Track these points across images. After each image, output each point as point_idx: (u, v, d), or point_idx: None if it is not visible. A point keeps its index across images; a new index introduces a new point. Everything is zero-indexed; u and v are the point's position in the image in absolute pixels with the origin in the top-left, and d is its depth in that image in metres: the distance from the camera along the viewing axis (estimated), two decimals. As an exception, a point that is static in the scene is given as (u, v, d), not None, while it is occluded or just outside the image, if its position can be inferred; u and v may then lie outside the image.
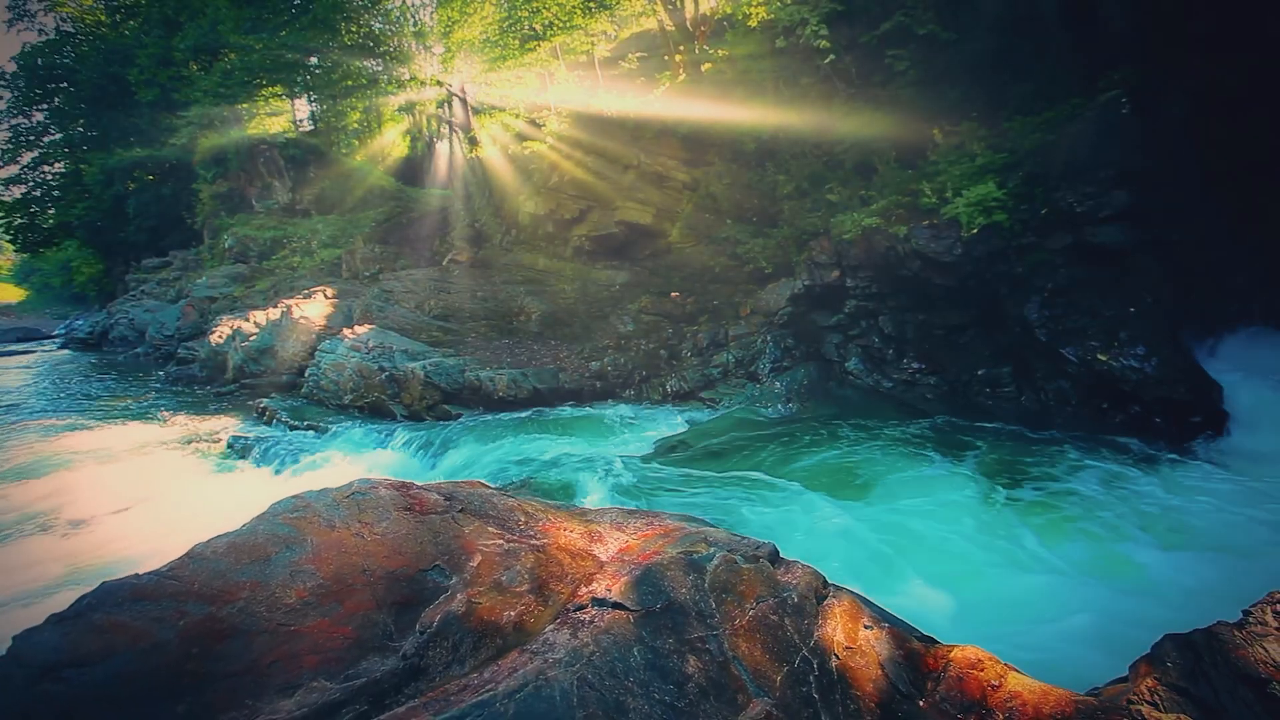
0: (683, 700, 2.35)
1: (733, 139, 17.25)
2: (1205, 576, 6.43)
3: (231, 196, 31.25)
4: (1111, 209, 10.33)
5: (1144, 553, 6.95)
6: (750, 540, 3.41)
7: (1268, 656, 3.36)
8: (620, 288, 17.82)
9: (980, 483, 8.81)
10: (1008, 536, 7.44)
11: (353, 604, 2.79)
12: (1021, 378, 11.51)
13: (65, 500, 10.60)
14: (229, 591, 2.77)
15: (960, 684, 2.74)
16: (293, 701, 2.40)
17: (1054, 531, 7.46)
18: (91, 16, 44.15)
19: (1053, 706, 2.57)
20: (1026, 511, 7.97)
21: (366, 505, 3.28)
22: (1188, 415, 9.56)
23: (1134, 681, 3.66)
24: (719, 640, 2.64)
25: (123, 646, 2.46)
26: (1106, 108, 10.77)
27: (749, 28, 16.36)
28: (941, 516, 8.01)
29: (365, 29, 23.95)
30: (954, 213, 11.26)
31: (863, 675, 2.73)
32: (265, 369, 17.85)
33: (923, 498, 8.59)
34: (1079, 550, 7.07)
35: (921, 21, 13.60)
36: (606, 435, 12.46)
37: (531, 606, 2.80)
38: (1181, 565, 6.68)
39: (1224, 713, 3.32)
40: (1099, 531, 7.40)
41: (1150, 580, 6.47)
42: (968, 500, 8.38)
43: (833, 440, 10.94)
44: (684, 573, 2.94)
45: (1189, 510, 7.73)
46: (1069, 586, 6.49)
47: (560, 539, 3.28)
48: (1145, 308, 10.21)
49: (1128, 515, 7.70)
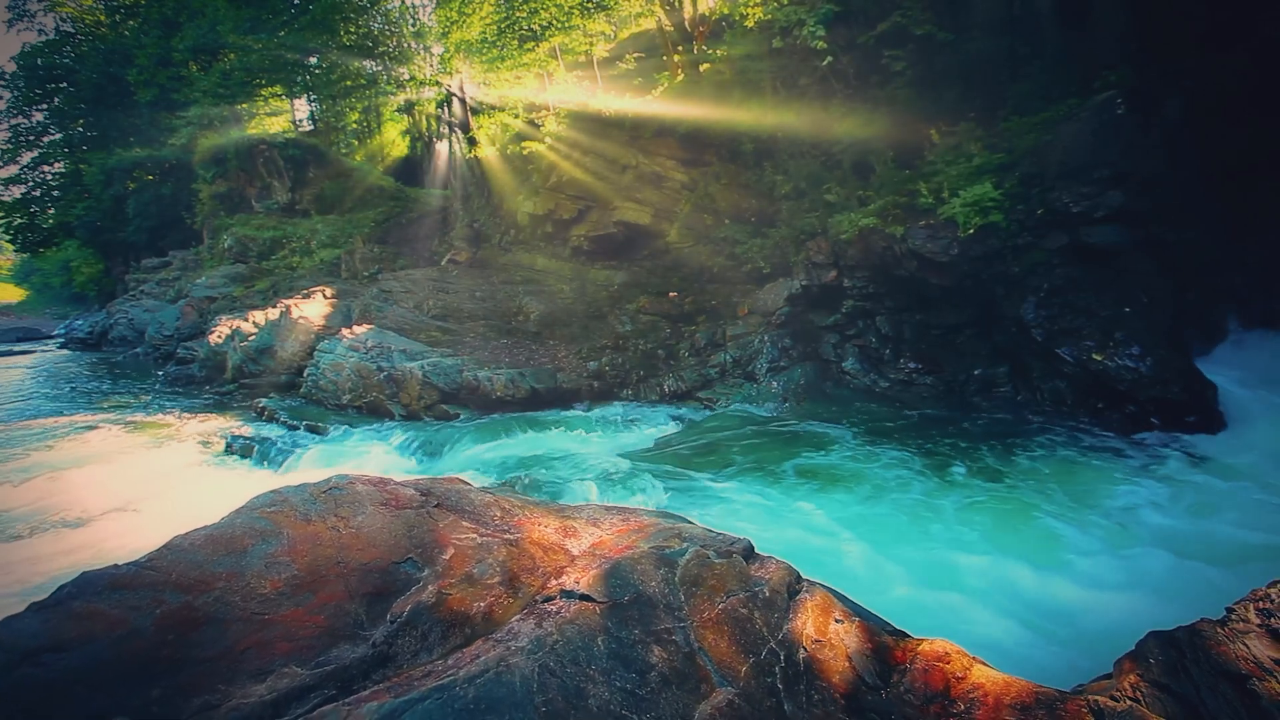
0: (645, 688, 2.38)
1: (731, 139, 17.26)
2: (1199, 575, 6.43)
3: (231, 196, 31.28)
4: (1107, 209, 10.36)
5: (1138, 552, 6.94)
6: (726, 536, 3.43)
7: (1249, 653, 3.38)
8: (618, 288, 17.83)
9: (976, 483, 8.81)
10: (1003, 536, 7.44)
11: (326, 594, 2.85)
12: (1018, 377, 11.53)
13: (64, 499, 10.61)
14: (205, 581, 2.84)
15: (926, 675, 2.77)
16: (264, 686, 2.48)
17: (1049, 530, 7.46)
18: (91, 16, 44.26)
19: (1013, 697, 2.59)
20: (1022, 511, 7.97)
21: (343, 500, 3.33)
22: (1182, 415, 9.57)
23: (1118, 678, 3.68)
24: (686, 632, 2.67)
25: (100, 633, 2.55)
26: (1102, 108, 10.79)
27: (746, 28, 16.38)
28: (933, 515, 8.01)
29: (364, 29, 24.00)
30: (950, 213, 11.28)
31: (830, 667, 2.75)
32: (264, 369, 17.86)
33: (916, 497, 8.59)
34: (1073, 549, 7.06)
35: (919, 22, 13.62)
36: (603, 434, 12.46)
37: (501, 598, 2.83)
38: (1174, 564, 6.67)
39: (1204, 708, 3.33)
40: (1093, 531, 7.40)
41: (1142, 579, 6.45)
42: (962, 499, 8.38)
43: (828, 440, 10.93)
44: (655, 566, 2.97)
45: (1182, 509, 7.72)
46: (1061, 585, 6.49)
47: (534, 533, 3.31)
48: (1140, 308, 10.22)
49: (1122, 515, 7.70)
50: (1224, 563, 6.49)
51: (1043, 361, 11.04)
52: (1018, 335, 11.28)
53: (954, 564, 6.90)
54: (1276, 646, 3.35)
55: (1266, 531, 6.97)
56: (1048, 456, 9.47)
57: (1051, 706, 2.50)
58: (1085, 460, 9.20)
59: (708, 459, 10.51)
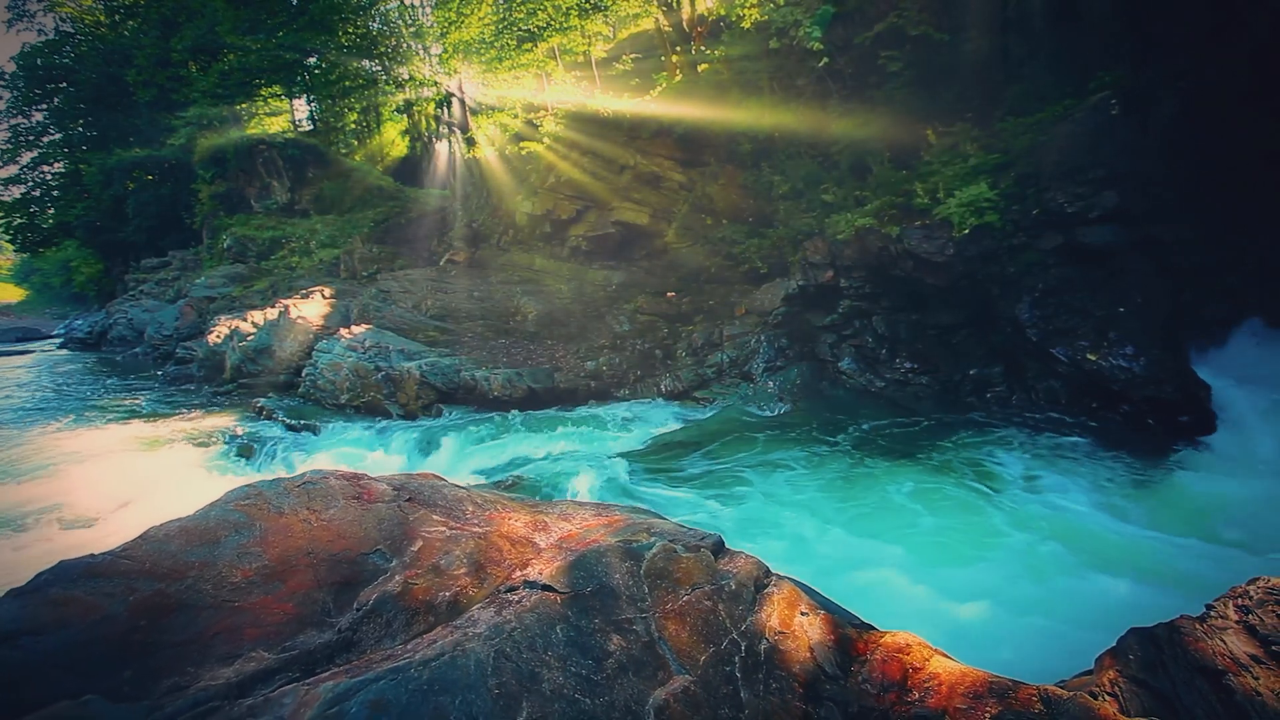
0: (600, 674, 2.43)
1: (729, 140, 17.29)
2: (1188, 572, 6.44)
3: (230, 196, 31.34)
4: (1102, 209, 10.35)
5: (1133, 550, 6.95)
6: (696, 531, 3.48)
7: (1226, 649, 3.39)
8: (616, 288, 17.86)
9: (971, 483, 8.82)
10: (997, 535, 7.46)
11: (295, 583, 2.91)
12: (1013, 377, 11.53)
13: (62, 498, 10.64)
14: (178, 570, 2.92)
15: (884, 666, 2.81)
16: (232, 669, 2.57)
17: (1044, 530, 7.47)
18: (91, 17, 44.37)
19: (967, 686, 2.63)
20: (1016, 510, 7.98)
21: (316, 494, 3.39)
22: (1176, 415, 9.56)
23: (1098, 673, 3.70)
24: (647, 622, 2.70)
25: (75, 618, 2.67)
26: (1097, 109, 10.79)
27: (744, 29, 16.40)
28: (928, 514, 8.02)
29: (362, 30, 24.03)
30: (946, 213, 11.28)
31: (791, 657, 2.79)
32: (263, 368, 17.89)
33: (911, 496, 8.60)
34: (1068, 548, 7.07)
35: (915, 22, 13.63)
36: (599, 434, 12.48)
37: (467, 588, 2.87)
38: (1166, 562, 6.68)
39: (1179, 704, 3.35)
40: (1088, 530, 7.41)
41: (1134, 578, 6.46)
42: (956, 499, 8.39)
43: (822, 439, 10.95)
44: (620, 559, 3.02)
45: (1175, 508, 7.73)
46: (1049, 582, 6.50)
47: (504, 527, 3.35)
48: (1135, 308, 10.21)
49: (1117, 515, 7.71)
50: (1212, 560, 6.50)
51: (1038, 361, 11.04)
52: (1013, 335, 11.28)
53: (947, 562, 6.91)
54: (1253, 643, 3.37)
55: (1255, 530, 6.98)
56: (1042, 456, 9.47)
57: (1003, 694, 2.53)
58: (1078, 460, 9.20)
59: (703, 458, 10.54)
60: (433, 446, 12.27)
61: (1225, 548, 6.84)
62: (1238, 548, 6.78)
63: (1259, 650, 3.32)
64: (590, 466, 10.32)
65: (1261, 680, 3.20)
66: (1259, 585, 3.62)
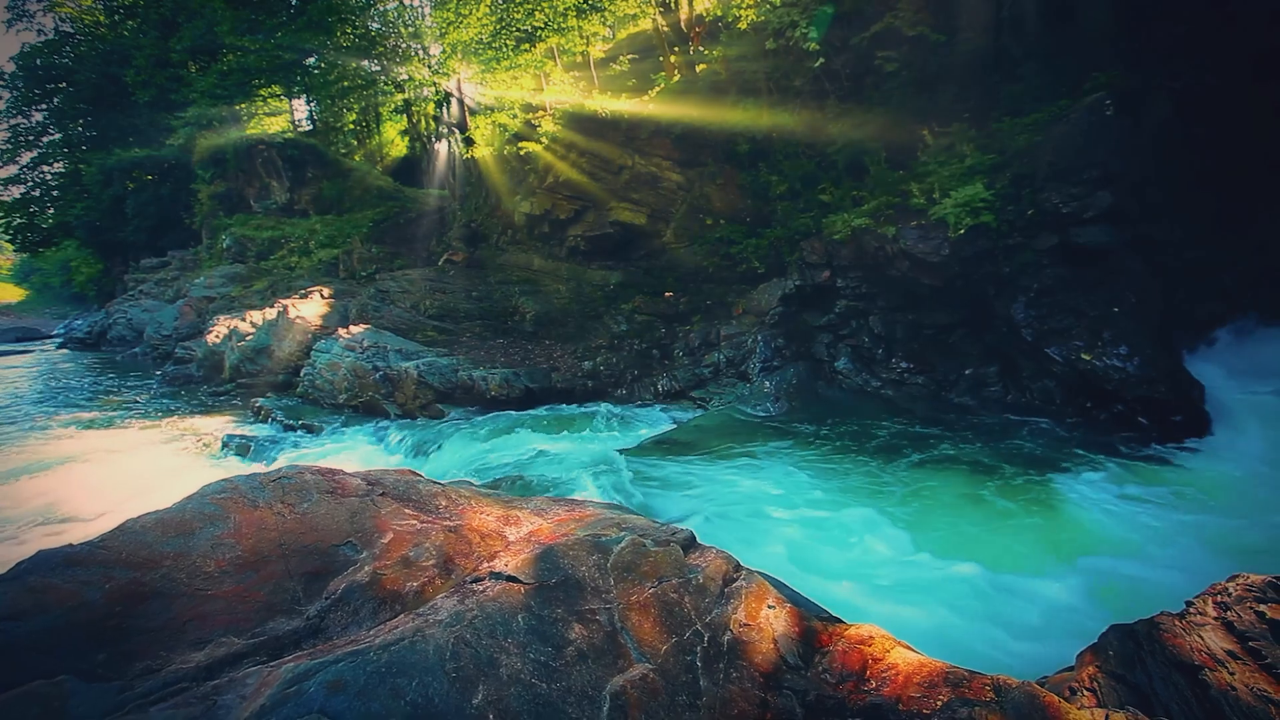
0: (559, 660, 2.48)
1: (726, 140, 17.31)
2: (1177, 570, 6.44)
3: (230, 197, 31.42)
4: (1096, 209, 10.37)
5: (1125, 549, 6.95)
6: (668, 527, 3.52)
7: (1204, 645, 3.41)
8: (614, 288, 17.90)
9: (964, 482, 8.82)
10: (990, 534, 7.46)
11: (267, 573, 2.99)
12: (1008, 377, 11.53)
13: (61, 498, 10.70)
14: (153, 560, 3.01)
15: (845, 657, 2.84)
16: (202, 654, 2.67)
17: (1038, 529, 7.47)
18: (90, 17, 44.51)
19: (924, 675, 2.66)
20: (1010, 510, 7.98)
21: (290, 488, 3.46)
22: (1169, 415, 9.55)
23: (1078, 669, 3.74)
24: (610, 613, 2.74)
25: (53, 605, 2.78)
26: (1091, 109, 10.81)
27: (741, 30, 16.43)
28: (923, 512, 8.03)
29: (361, 30, 24.08)
30: (942, 213, 11.30)
31: (754, 649, 2.82)
32: (261, 368, 17.96)
33: (904, 494, 8.60)
34: (1061, 547, 7.07)
35: (911, 23, 13.66)
36: (596, 434, 12.49)
37: (434, 579, 2.92)
38: (1157, 561, 6.69)
39: (1156, 699, 3.36)
40: (1082, 530, 7.41)
41: (1123, 576, 6.47)
42: (951, 498, 8.39)
43: (818, 439, 10.96)
44: (588, 552, 3.06)
45: (1166, 507, 7.73)
46: (1040, 580, 6.51)
47: (475, 521, 3.41)
48: (1129, 308, 10.22)
49: (1109, 514, 7.71)
50: (1201, 558, 6.50)
51: (1032, 361, 11.05)
52: (1008, 335, 11.29)
53: (939, 561, 6.92)
54: (1231, 639, 3.39)
55: (1244, 527, 6.99)
56: (1036, 456, 9.47)
57: (957, 684, 2.56)
58: (1071, 459, 9.20)
59: (698, 458, 10.54)
60: (430, 446, 12.28)
61: (1216, 546, 6.84)
62: (1229, 545, 6.78)
63: (1236, 646, 3.34)
64: (585, 466, 10.31)
65: (1237, 675, 3.21)
66: (1238, 582, 3.65)
